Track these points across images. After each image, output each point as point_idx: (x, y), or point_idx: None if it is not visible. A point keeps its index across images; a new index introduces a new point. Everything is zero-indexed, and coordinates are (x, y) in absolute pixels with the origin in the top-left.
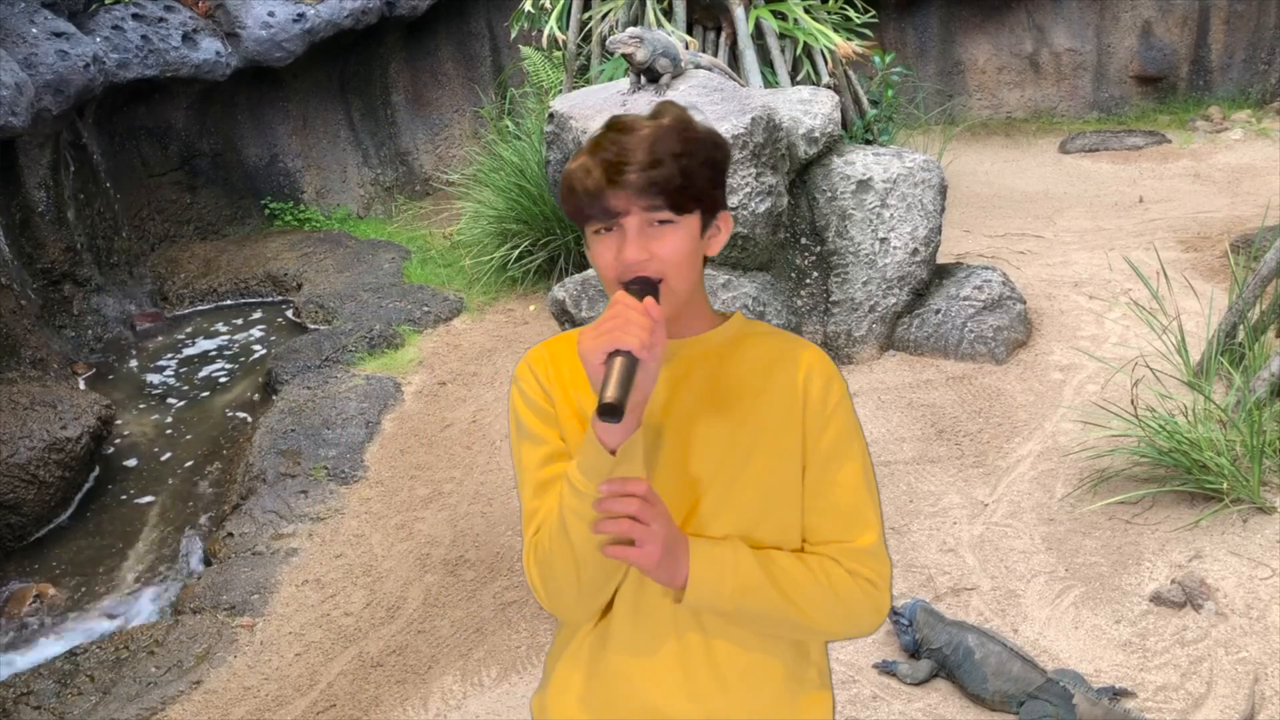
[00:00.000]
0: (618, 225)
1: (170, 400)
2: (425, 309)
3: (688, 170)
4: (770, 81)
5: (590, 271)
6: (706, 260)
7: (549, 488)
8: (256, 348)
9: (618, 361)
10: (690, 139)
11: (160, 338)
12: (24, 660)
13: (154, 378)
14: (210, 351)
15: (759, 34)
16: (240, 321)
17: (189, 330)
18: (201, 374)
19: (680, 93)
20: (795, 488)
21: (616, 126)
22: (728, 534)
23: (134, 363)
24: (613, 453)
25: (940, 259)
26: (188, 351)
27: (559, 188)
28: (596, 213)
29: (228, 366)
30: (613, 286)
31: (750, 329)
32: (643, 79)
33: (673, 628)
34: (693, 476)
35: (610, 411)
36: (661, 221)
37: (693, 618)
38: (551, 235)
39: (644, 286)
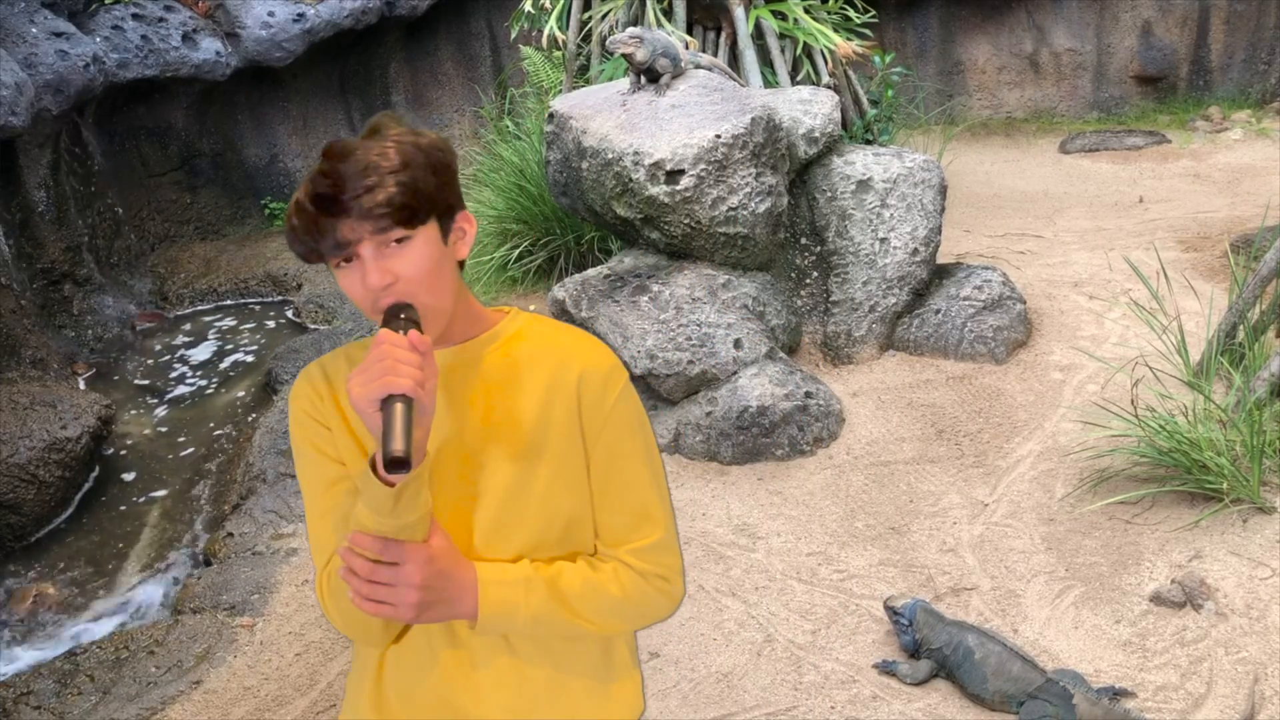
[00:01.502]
0: (354, 255)
1: (170, 400)
2: None
3: (410, 184)
4: (770, 81)
5: (591, 271)
6: (462, 265)
7: (329, 516)
8: (256, 348)
9: (396, 408)
10: (406, 149)
11: (160, 338)
12: (24, 660)
13: (154, 378)
14: (210, 351)
15: (759, 34)
16: (240, 321)
17: (189, 330)
18: (201, 374)
19: (680, 93)
20: (582, 491)
21: (330, 154)
22: (519, 547)
23: (134, 363)
24: (389, 483)
25: (940, 259)
26: (188, 351)
27: (286, 234)
28: (328, 248)
29: (228, 366)
30: (372, 316)
31: (526, 328)
32: (643, 79)
33: (485, 647)
34: (478, 491)
35: (400, 464)
36: (398, 240)
37: (501, 638)
38: (551, 235)
39: (406, 314)
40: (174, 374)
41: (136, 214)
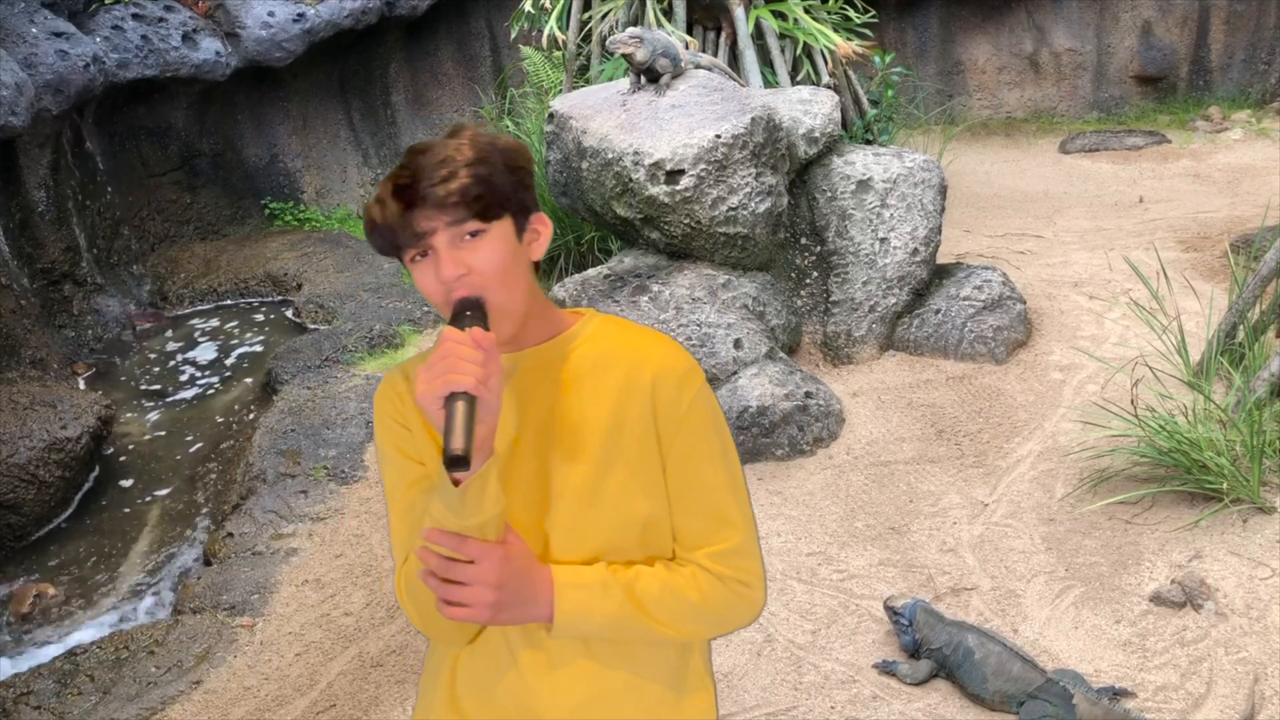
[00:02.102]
0: (430, 247)
1: (170, 400)
2: (425, 309)
3: (485, 177)
4: (770, 81)
5: (591, 271)
6: (537, 267)
7: (413, 514)
8: (256, 348)
9: (458, 406)
10: (482, 146)
11: (160, 338)
12: (24, 660)
13: (154, 378)
14: (210, 351)
15: (759, 34)
16: (240, 321)
17: (189, 330)
18: (201, 374)
19: (680, 93)
20: (659, 493)
21: (411, 151)
22: (595, 550)
23: (134, 363)
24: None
25: (940, 259)
26: (188, 351)
27: (365, 227)
28: (405, 239)
29: (228, 366)
30: (445, 311)
31: (601, 330)
32: (643, 79)
33: (563, 649)
34: (554, 494)
35: (458, 463)
36: (472, 234)
37: (579, 640)
38: (551, 235)
39: (472, 310)
40: (174, 374)
41: (136, 214)
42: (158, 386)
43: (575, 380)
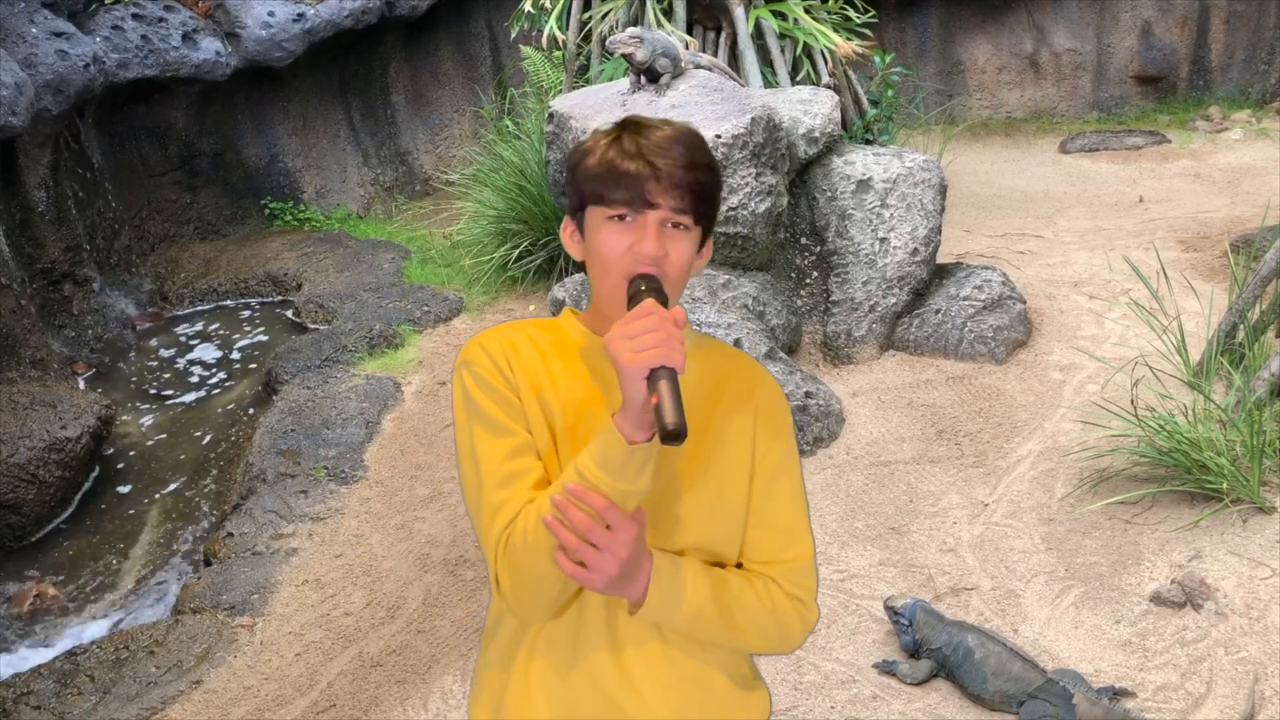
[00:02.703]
0: (637, 217)
1: (170, 400)
2: (425, 309)
3: (714, 185)
4: (770, 81)
5: None
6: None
7: (517, 480)
8: (256, 348)
9: (664, 384)
10: (714, 157)
11: (160, 338)
12: (24, 660)
13: (154, 378)
14: (210, 351)
15: (759, 34)
16: (240, 321)
17: (189, 330)
18: (201, 374)
19: (680, 93)
20: (741, 502)
21: (650, 123)
22: (685, 546)
23: (134, 363)
24: (633, 442)
25: (940, 259)
26: (188, 351)
27: (583, 161)
28: (629, 197)
29: (228, 366)
30: (613, 277)
31: (699, 342)
32: (643, 79)
33: (639, 633)
34: (665, 486)
35: (676, 437)
36: (675, 225)
37: (654, 626)
38: (551, 235)
39: (655, 286)
40: (174, 374)
41: (136, 214)
42: (158, 386)
43: (688, 384)
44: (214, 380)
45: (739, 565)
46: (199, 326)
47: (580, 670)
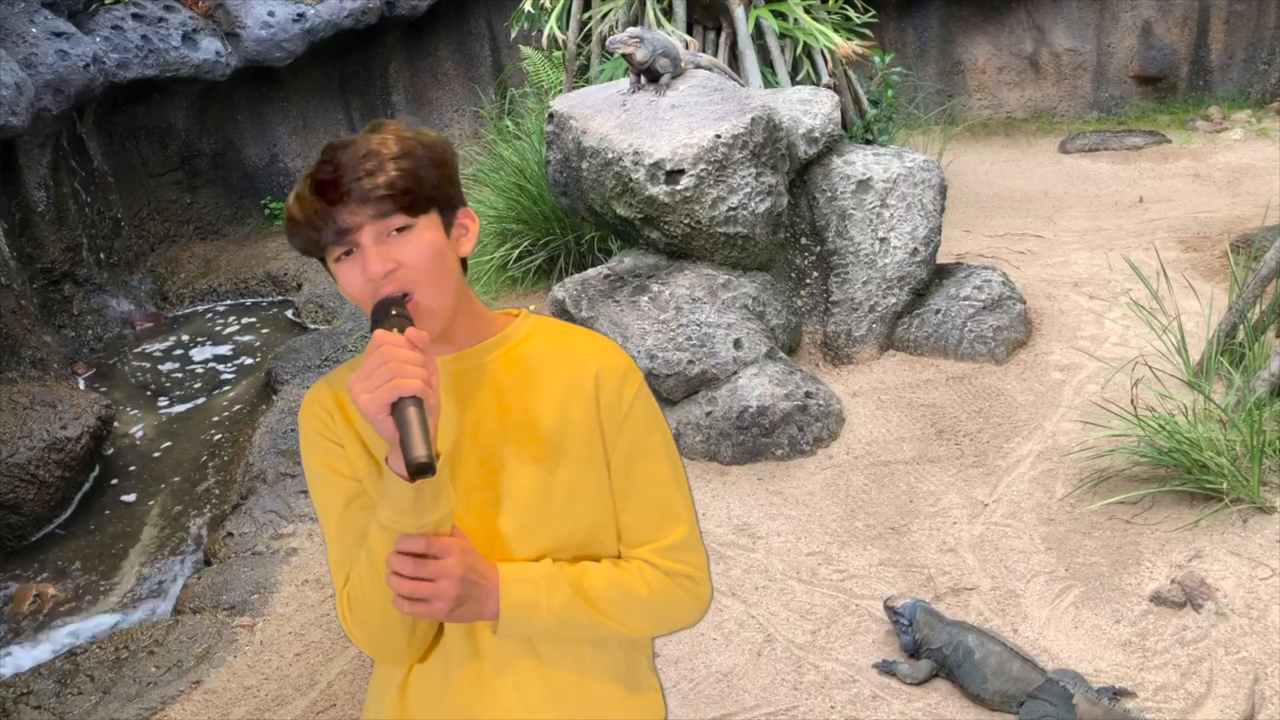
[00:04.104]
0: (354, 244)
1: (170, 400)
2: None
3: (412, 171)
4: (770, 81)
5: (591, 271)
6: (465, 264)
7: (349, 536)
8: (256, 348)
9: (410, 412)
10: (406, 140)
11: (160, 338)
12: (24, 660)
13: (154, 378)
14: (210, 351)
15: (759, 34)
16: (240, 321)
17: (189, 330)
18: (201, 374)
19: (680, 93)
20: (603, 492)
21: (330, 147)
22: (542, 551)
23: (134, 363)
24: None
25: (940, 259)
26: (188, 351)
27: (285, 227)
28: (328, 237)
29: (228, 366)
30: (369, 309)
31: (536, 330)
32: (643, 79)
33: (507, 654)
34: (497, 495)
35: (425, 470)
36: (399, 229)
37: (524, 642)
38: (551, 235)
39: (398, 310)
40: (174, 374)
41: (136, 214)
42: (158, 386)
43: (515, 381)
44: (214, 380)
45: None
46: (199, 326)
47: (448, 705)
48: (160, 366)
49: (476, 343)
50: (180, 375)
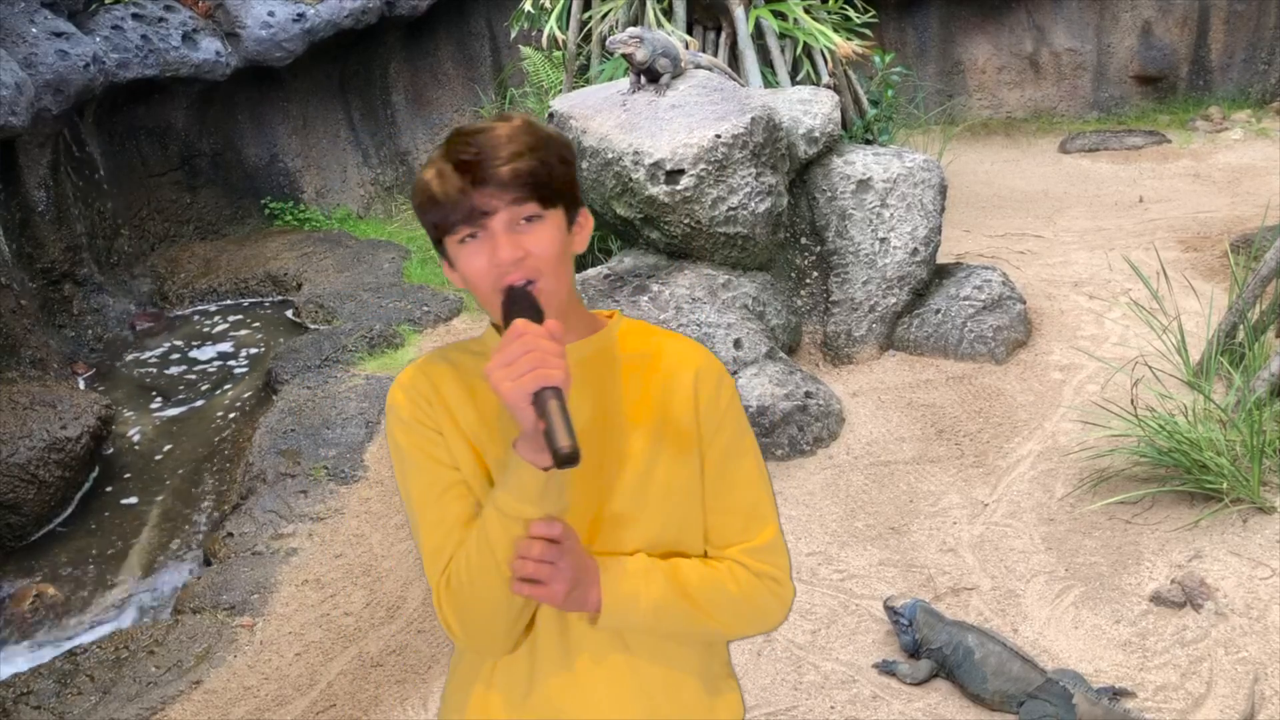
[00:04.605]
0: (484, 228)
1: (170, 400)
2: (425, 309)
3: (547, 163)
4: (770, 81)
5: (591, 271)
6: (576, 260)
7: (449, 522)
8: (256, 348)
9: (553, 403)
10: (541, 134)
11: (160, 338)
12: (24, 660)
13: (154, 378)
14: (210, 351)
15: (759, 34)
16: (240, 321)
17: (189, 330)
18: (201, 374)
19: (680, 93)
20: (696, 491)
21: (466, 131)
22: (638, 545)
23: (134, 363)
24: (545, 468)
25: (940, 259)
26: (188, 351)
27: (413, 200)
28: (462, 217)
29: (228, 366)
30: (490, 296)
31: (633, 329)
32: (643, 79)
33: (599, 648)
34: (597, 490)
35: (571, 460)
36: (528, 218)
37: (616, 636)
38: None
39: (526, 301)
40: (174, 374)
41: (136, 214)
42: (158, 386)
43: (618, 378)
44: (214, 380)
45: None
46: (199, 326)
47: (536, 698)
48: (160, 366)
49: (581, 338)
50: (180, 375)
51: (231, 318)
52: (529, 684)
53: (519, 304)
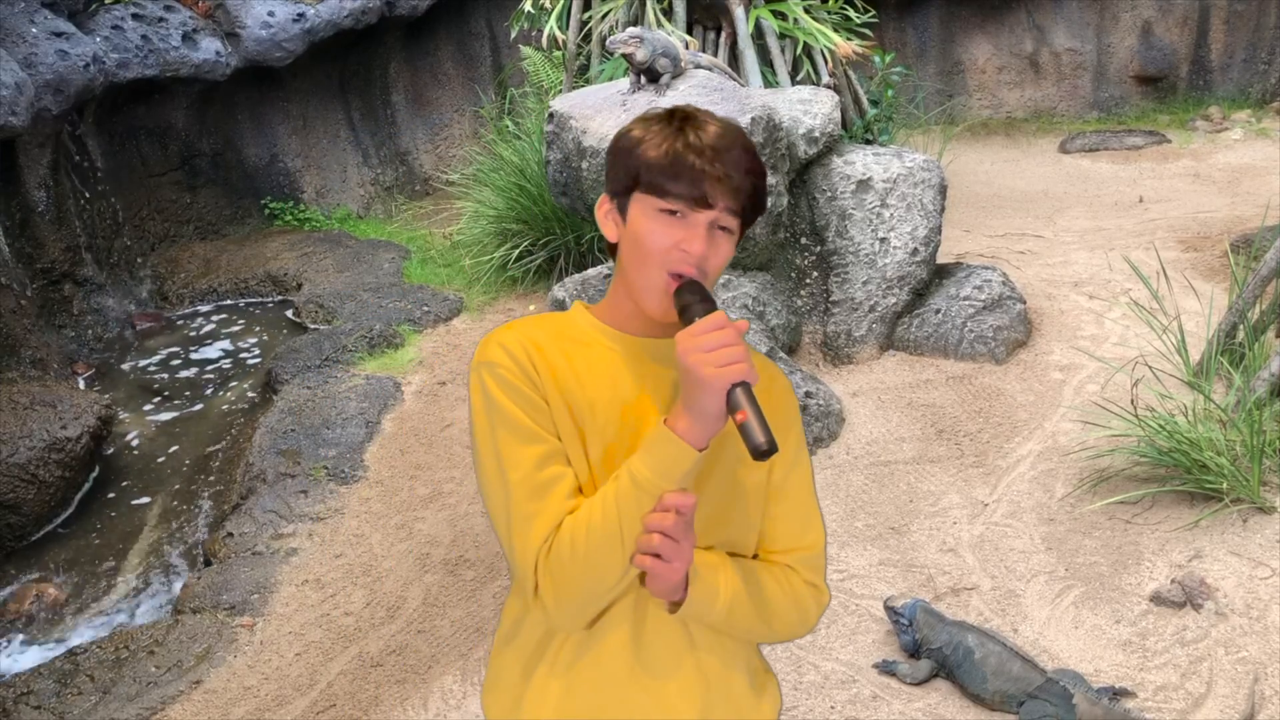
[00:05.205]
0: (690, 214)
1: (170, 400)
2: (425, 309)
3: (763, 191)
4: (770, 81)
5: (591, 271)
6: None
7: (551, 489)
8: (256, 348)
9: (747, 401)
10: (761, 159)
11: (160, 338)
12: (24, 660)
13: (154, 378)
14: (210, 351)
15: (759, 34)
16: (240, 321)
17: (189, 330)
18: (201, 374)
19: (680, 93)
20: (761, 495)
21: (701, 117)
22: (710, 543)
23: (134, 363)
24: (700, 450)
25: (940, 259)
26: (188, 351)
27: (639, 147)
28: (689, 194)
29: (228, 366)
30: (651, 268)
31: None
32: (643, 79)
33: (670, 641)
34: (700, 486)
35: (769, 453)
36: (722, 227)
37: (684, 631)
38: (551, 235)
39: (703, 293)
40: (174, 374)
41: (136, 214)
42: (158, 386)
43: None
44: (214, 380)
45: (754, 556)
46: (199, 326)
47: (606, 689)
48: (160, 366)
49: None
50: (180, 375)
51: (231, 318)
52: (596, 672)
53: (697, 295)
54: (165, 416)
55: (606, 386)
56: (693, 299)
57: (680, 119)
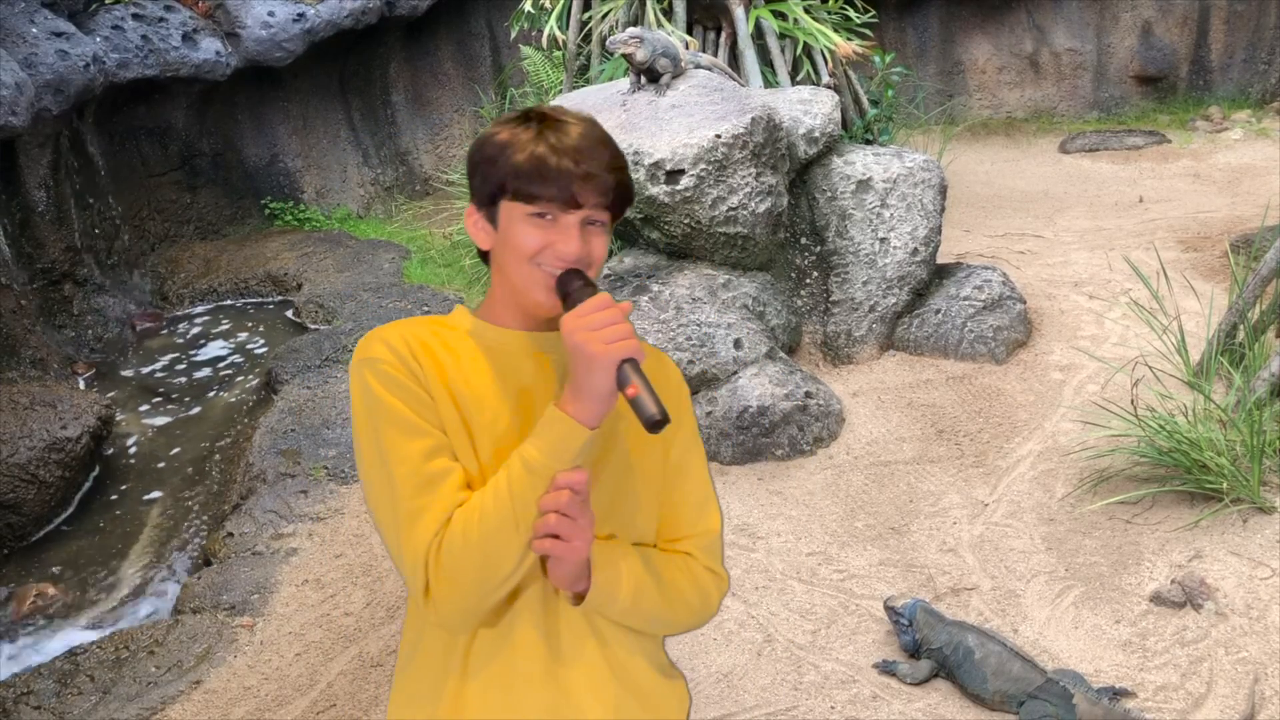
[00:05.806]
0: (560, 216)
1: (170, 400)
2: (425, 309)
3: (630, 181)
4: (770, 81)
5: None
6: None
7: (439, 483)
8: (256, 348)
9: (636, 375)
10: (622, 152)
11: (160, 338)
12: (24, 660)
13: (154, 378)
14: (210, 351)
15: (759, 34)
16: (240, 321)
17: (189, 330)
18: (201, 374)
19: (680, 93)
20: (657, 482)
21: (559, 118)
22: (613, 530)
23: (134, 363)
24: (592, 429)
25: (940, 259)
26: (188, 351)
27: (503, 154)
28: (556, 195)
29: (228, 366)
30: (524, 270)
31: None
32: (643, 79)
33: (577, 636)
34: (597, 473)
35: (662, 425)
36: (593, 223)
37: (590, 625)
38: None
39: (584, 280)
40: (174, 374)
41: (136, 214)
42: (158, 386)
43: None
44: (214, 380)
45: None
46: (199, 326)
47: (518, 688)
48: (160, 366)
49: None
50: (180, 375)
51: (232, 318)
52: (510, 673)
53: (579, 280)
54: (165, 417)
55: (493, 380)
56: (576, 284)
57: (538, 121)
